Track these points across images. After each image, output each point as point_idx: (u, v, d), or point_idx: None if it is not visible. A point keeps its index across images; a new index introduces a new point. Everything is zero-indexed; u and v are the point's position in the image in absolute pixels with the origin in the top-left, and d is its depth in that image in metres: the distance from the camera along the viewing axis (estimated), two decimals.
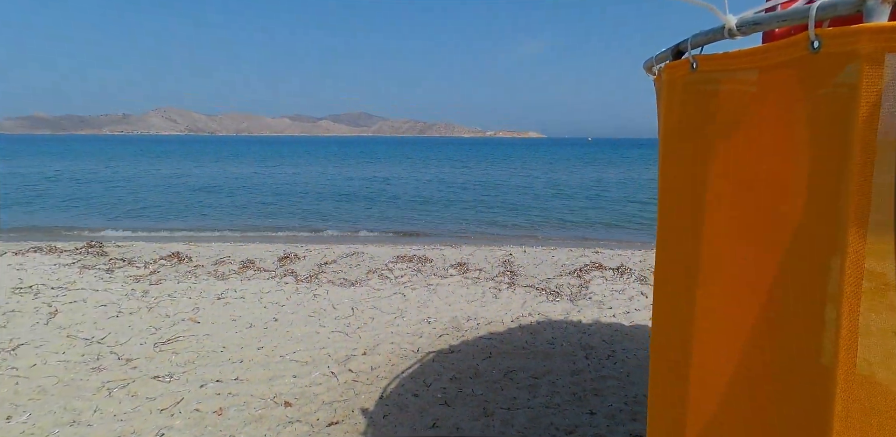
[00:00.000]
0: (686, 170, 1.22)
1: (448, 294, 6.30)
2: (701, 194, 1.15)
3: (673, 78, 1.31)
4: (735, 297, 1.08)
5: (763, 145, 1.00)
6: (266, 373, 4.22)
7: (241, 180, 26.61)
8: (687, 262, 1.21)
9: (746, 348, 1.08)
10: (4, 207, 16.19)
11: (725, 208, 1.10)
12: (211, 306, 5.72)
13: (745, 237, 1.05)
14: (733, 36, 1.03)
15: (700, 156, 1.15)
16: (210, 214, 15.14)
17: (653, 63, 1.57)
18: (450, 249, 8.96)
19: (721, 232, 1.11)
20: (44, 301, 5.69)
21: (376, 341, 4.89)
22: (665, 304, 1.36)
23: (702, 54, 1.19)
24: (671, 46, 1.36)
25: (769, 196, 0.99)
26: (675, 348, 1.27)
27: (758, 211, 1.01)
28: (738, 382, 1.09)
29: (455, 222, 14.03)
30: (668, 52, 1.38)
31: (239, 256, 7.99)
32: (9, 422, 3.42)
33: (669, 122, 1.33)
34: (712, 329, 1.14)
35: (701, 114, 1.17)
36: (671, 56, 1.35)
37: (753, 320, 1.03)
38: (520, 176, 30.93)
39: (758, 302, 1.02)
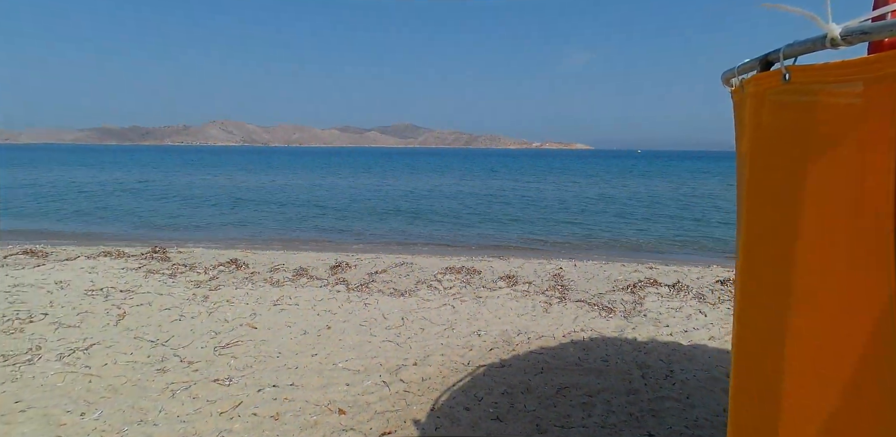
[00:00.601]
0: (778, 188, 1.16)
1: (497, 307, 6.24)
2: (796, 215, 1.09)
3: (760, 90, 1.27)
4: (838, 327, 1.02)
5: (868, 163, 0.95)
6: (320, 380, 4.29)
7: (292, 190, 27.39)
8: (779, 286, 1.15)
9: (846, 378, 1.01)
10: (85, 214, 17.25)
11: (825, 231, 1.04)
12: (267, 312, 5.88)
13: (848, 262, 0.99)
14: (836, 46, 0.99)
15: (795, 174, 1.10)
16: (264, 223, 15.64)
17: (733, 74, 1.52)
18: (498, 261, 8.90)
19: (820, 256, 1.05)
20: (113, 303, 6.00)
21: (427, 352, 4.89)
22: (751, 329, 1.30)
23: (795, 65, 1.15)
24: (758, 57, 1.32)
25: (875, 218, 0.93)
26: (765, 375, 1.21)
27: (863, 233, 0.96)
28: (840, 413, 1.02)
29: (502, 234, 13.95)
30: (755, 62, 1.33)
31: (292, 263, 8.20)
32: (82, 418, 3.60)
33: (757, 136, 1.28)
34: (811, 358, 1.08)
35: (795, 128, 1.12)
36: (759, 67, 1.30)
37: (859, 351, 0.97)
38: (566, 188, 30.52)
39: (864, 332, 0.96)
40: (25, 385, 4.05)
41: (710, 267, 8.89)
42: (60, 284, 6.67)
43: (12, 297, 6.10)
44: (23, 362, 4.42)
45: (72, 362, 4.48)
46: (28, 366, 4.37)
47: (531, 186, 31.70)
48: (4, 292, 6.26)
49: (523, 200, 23.23)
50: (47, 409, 3.71)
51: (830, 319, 1.05)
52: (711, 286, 7.18)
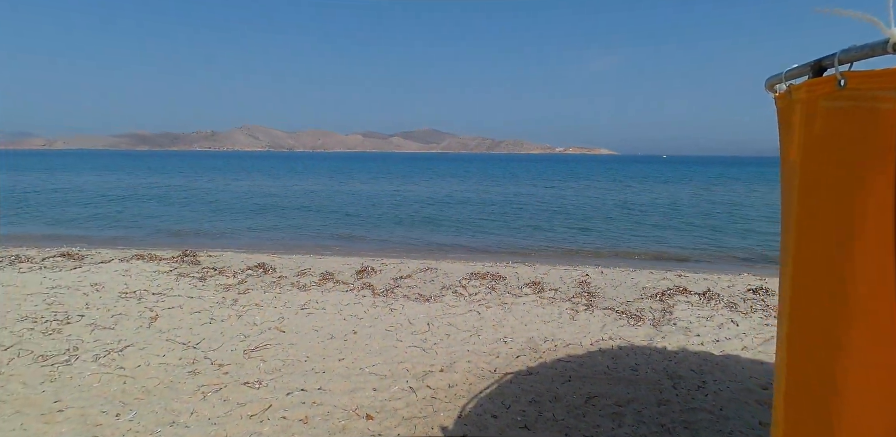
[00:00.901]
0: (834, 197, 1.13)
1: (523, 314, 6.20)
2: (854, 224, 1.06)
3: (812, 96, 1.24)
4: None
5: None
6: (347, 385, 4.31)
7: (317, 195, 27.71)
8: (835, 297, 1.12)
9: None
10: (117, 218, 17.72)
11: (885, 240, 1.01)
12: (295, 316, 5.94)
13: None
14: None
15: (852, 182, 1.07)
16: (290, 227, 15.84)
17: (780, 80, 1.49)
18: (523, 267, 8.84)
19: (880, 266, 1.02)
20: (146, 306, 6.13)
21: (453, 359, 4.88)
22: (803, 342, 1.26)
23: (852, 71, 1.12)
24: (809, 62, 1.29)
25: None
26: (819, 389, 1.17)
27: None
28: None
29: (526, 240, 13.87)
30: (806, 68, 1.30)
31: (318, 268, 8.27)
32: (118, 419, 3.68)
33: (810, 144, 1.25)
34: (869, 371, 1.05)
35: (852, 136, 1.09)
36: (810, 73, 1.27)
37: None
38: (589, 194, 30.22)
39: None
40: (63, 385, 4.16)
41: (740, 275, 8.70)
42: (96, 286, 6.85)
43: (50, 298, 6.28)
44: (61, 363, 4.54)
45: (107, 363, 4.58)
46: (66, 366, 4.49)
47: (554, 192, 31.49)
48: (43, 294, 6.45)
49: (546, 205, 23.08)
50: (84, 409, 3.80)
51: (890, 331, 1.02)
52: (743, 295, 7.01)
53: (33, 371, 4.37)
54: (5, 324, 5.40)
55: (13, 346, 4.85)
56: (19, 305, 6.03)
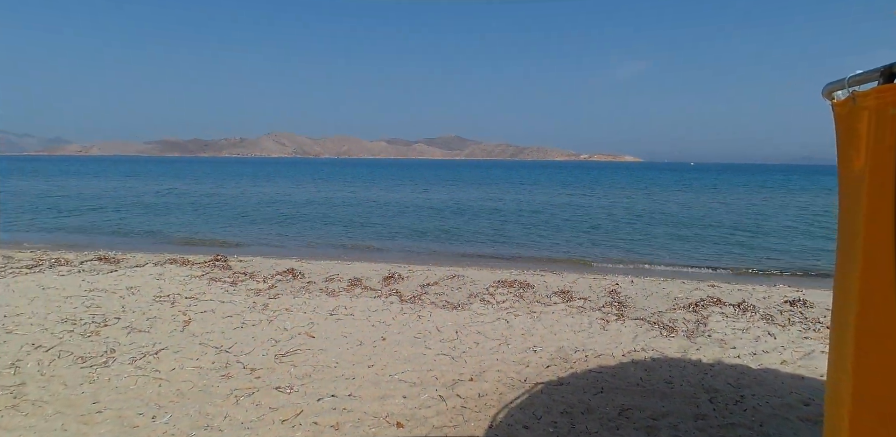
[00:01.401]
0: None
1: (553, 323, 6.12)
2: None
3: (883, 104, 1.19)
4: None
5: None
6: (377, 391, 4.30)
7: (343, 201, 27.97)
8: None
9: None
10: (150, 222, 18.17)
11: None
12: (324, 322, 5.98)
13: None
14: None
15: None
16: (317, 233, 16.00)
17: (842, 86, 1.44)
18: (551, 275, 8.76)
19: None
20: (179, 310, 6.24)
21: (482, 368, 4.84)
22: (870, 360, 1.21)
23: None
24: (878, 68, 1.24)
25: None
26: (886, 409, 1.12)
27: None
28: None
29: (552, 248, 13.75)
30: (874, 74, 1.26)
31: (346, 274, 8.32)
32: (153, 422, 3.74)
33: (878, 153, 1.20)
34: None
35: None
36: (881, 79, 1.23)
37: None
38: (614, 202, 29.84)
39: None
40: (101, 387, 4.24)
41: (775, 286, 8.47)
42: (131, 289, 7.01)
43: (89, 301, 6.45)
44: (99, 365, 4.65)
45: (143, 365, 4.67)
46: (104, 368, 4.59)
47: (576, 200, 31.18)
48: (81, 297, 6.63)
49: (569, 213, 22.87)
50: (121, 411, 3.87)
51: None
52: (779, 307, 6.81)
53: (73, 373, 4.48)
54: (47, 326, 5.55)
55: (54, 347, 4.99)
56: (59, 307, 6.20)
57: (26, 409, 3.84)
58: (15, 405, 3.90)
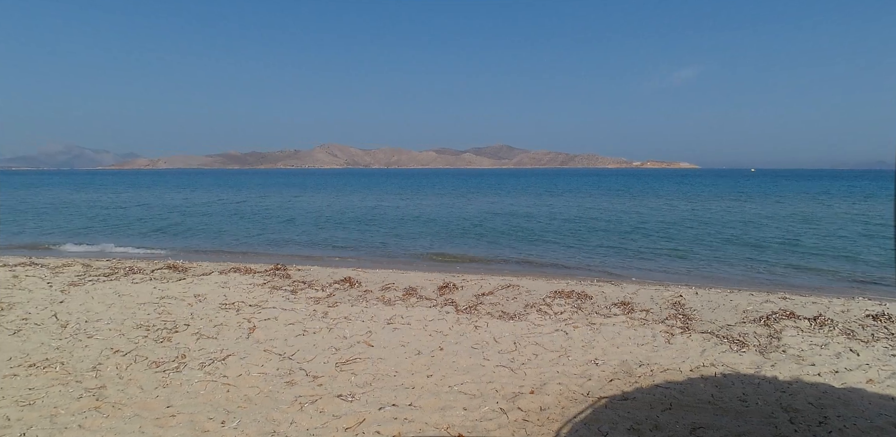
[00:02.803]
0: None
1: (614, 335, 5.94)
2: None
3: None
4: None
5: None
6: (437, 402, 4.28)
7: (395, 209, 28.30)
8: None
9: None
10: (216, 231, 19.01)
11: None
12: (382, 331, 6.03)
13: None
14: None
15: None
16: (371, 241, 16.26)
17: None
18: (609, 286, 8.53)
19: None
20: (244, 317, 6.45)
21: (543, 380, 4.74)
22: None
23: None
24: None
25: None
26: None
27: None
28: None
29: (606, 258, 13.40)
30: None
31: (402, 283, 8.39)
32: (223, 427, 3.85)
33: None
34: None
35: None
36: None
37: None
38: (667, 210, 28.82)
39: None
40: (174, 391, 4.42)
41: (854, 299, 7.92)
42: (199, 297, 7.32)
43: (160, 308, 6.77)
44: (171, 370, 4.85)
45: (212, 371, 4.84)
46: (175, 373, 4.78)
47: (627, 208, 30.31)
48: (154, 304, 6.97)
49: (620, 221, 22.25)
50: (193, 415, 4.01)
51: None
52: (861, 321, 6.35)
53: (148, 377, 4.70)
54: (123, 331, 5.86)
55: (130, 352, 5.25)
56: (134, 313, 6.54)
57: (107, 411, 4.05)
58: (97, 406, 4.12)
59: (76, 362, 4.97)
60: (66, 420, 3.88)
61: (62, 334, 5.75)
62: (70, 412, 4.00)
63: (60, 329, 5.90)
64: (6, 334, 5.68)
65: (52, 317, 6.33)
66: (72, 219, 23.59)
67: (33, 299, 7.13)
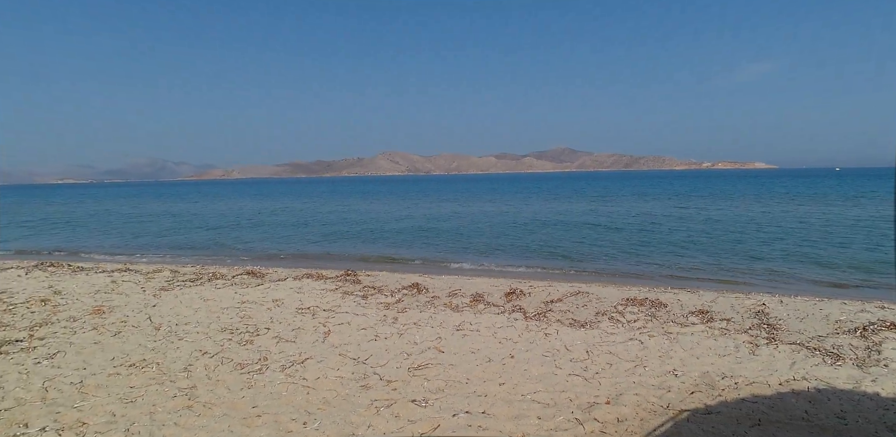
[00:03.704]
0: None
1: (692, 345, 5.69)
2: None
3: None
4: None
5: None
6: (510, 410, 4.26)
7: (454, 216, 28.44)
8: None
9: None
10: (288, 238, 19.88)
11: None
12: (451, 337, 6.07)
13: None
14: None
15: None
16: (435, 247, 16.43)
17: None
18: (685, 293, 8.18)
19: None
20: (319, 321, 6.69)
21: (618, 390, 4.61)
22: None
23: None
24: None
25: None
26: None
27: None
28: None
29: (677, 263, 12.85)
30: None
31: (468, 289, 8.42)
32: (305, 427, 4.01)
33: None
34: None
35: None
36: None
37: None
38: (737, 213, 27.25)
39: None
40: (258, 392, 4.65)
41: None
42: (277, 302, 7.66)
43: (242, 312, 7.14)
44: (255, 371, 5.10)
45: (292, 373, 5.05)
46: (258, 375, 5.02)
47: (693, 212, 28.92)
48: (235, 308, 7.36)
49: (688, 225, 21.26)
50: (277, 416, 4.20)
51: None
52: None
53: (234, 378, 4.96)
54: (210, 334, 6.23)
55: (217, 354, 5.56)
56: (218, 317, 6.93)
57: (199, 410, 4.30)
58: (190, 406, 4.39)
59: (169, 363, 5.33)
60: (163, 418, 4.17)
61: (156, 336, 6.18)
62: (167, 410, 4.29)
63: (154, 332, 6.34)
64: (108, 336, 6.18)
65: (146, 320, 6.83)
66: (159, 226, 25.32)
67: (130, 303, 7.72)
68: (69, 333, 6.31)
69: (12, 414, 4.21)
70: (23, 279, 9.78)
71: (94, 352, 5.64)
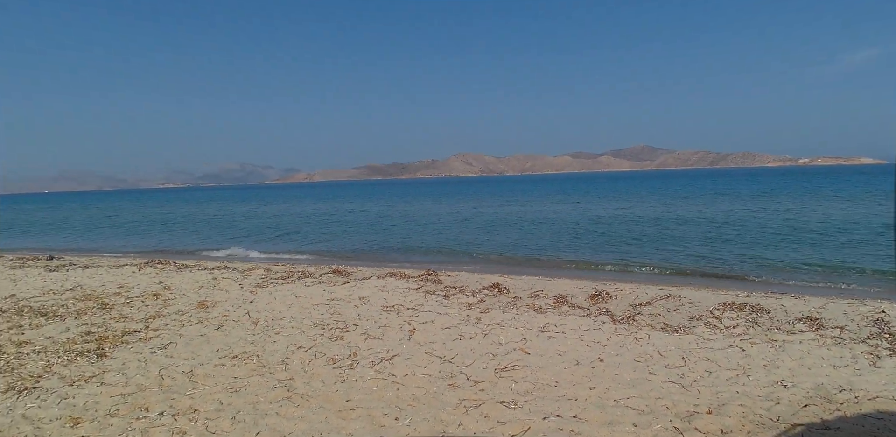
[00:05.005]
0: None
1: (802, 355, 5.25)
2: None
3: None
4: None
5: None
6: (603, 416, 4.12)
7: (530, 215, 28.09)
8: None
9: None
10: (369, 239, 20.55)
11: None
12: (536, 339, 5.98)
13: None
14: None
15: None
16: (516, 247, 16.31)
17: None
18: (789, 298, 7.58)
19: None
20: (404, 319, 6.82)
21: (720, 400, 4.34)
22: None
23: None
24: None
25: None
26: None
27: None
28: None
29: (776, 266, 11.93)
30: None
31: (550, 290, 8.27)
32: (397, 423, 4.09)
33: None
34: None
35: None
36: None
37: None
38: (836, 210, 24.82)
39: None
40: (350, 387, 4.80)
41: None
42: (363, 299, 7.90)
43: (331, 309, 7.42)
44: (346, 366, 5.28)
45: (381, 369, 5.17)
46: (350, 370, 5.19)
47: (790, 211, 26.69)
48: (325, 305, 7.67)
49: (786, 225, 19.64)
50: (369, 410, 4.31)
51: None
52: None
53: (328, 372, 5.16)
54: (303, 329, 6.52)
55: (311, 349, 5.82)
56: (310, 313, 7.25)
57: (297, 401, 4.51)
58: (289, 397, 4.61)
59: (268, 356, 5.63)
60: (265, 408, 4.40)
61: (255, 330, 6.56)
62: (268, 401, 4.53)
63: (253, 326, 6.74)
64: (212, 329, 6.64)
65: (245, 315, 7.27)
66: (249, 226, 26.95)
67: (230, 299, 8.25)
68: (178, 325, 6.83)
69: (135, 399, 4.61)
70: (136, 275, 10.73)
71: (201, 344, 6.07)
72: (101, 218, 40.63)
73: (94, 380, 5.03)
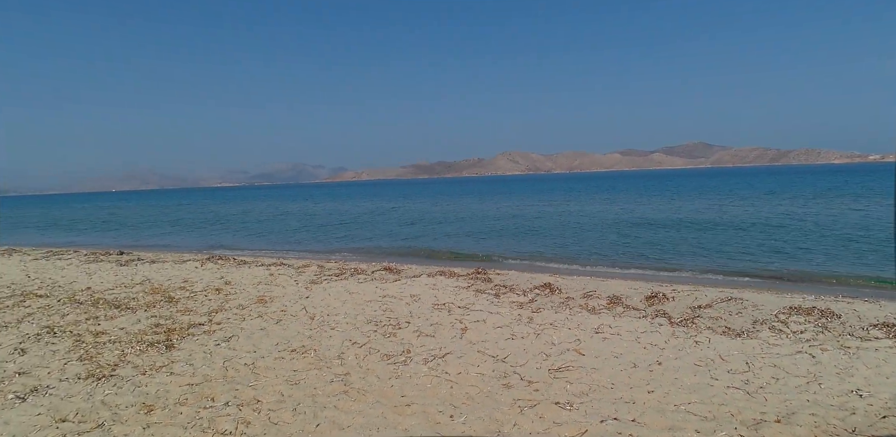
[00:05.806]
0: None
1: (879, 363, 4.95)
2: None
3: None
4: None
5: None
6: (664, 421, 4.01)
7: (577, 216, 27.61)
8: None
9: None
10: (412, 236, 20.77)
11: None
12: (590, 340, 5.89)
13: None
14: None
15: None
16: (567, 246, 16.09)
17: None
18: (862, 303, 7.15)
19: None
20: (455, 318, 6.85)
21: (789, 409, 4.14)
22: None
23: None
24: None
25: None
26: None
27: None
28: None
29: (846, 267, 11.25)
30: None
31: (604, 291, 8.11)
32: (452, 420, 4.11)
33: None
34: None
35: None
36: None
37: None
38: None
39: None
40: (405, 383, 4.87)
41: None
42: (414, 297, 7.99)
43: (384, 306, 7.55)
44: (400, 363, 5.35)
45: (434, 367, 5.22)
46: (403, 366, 5.26)
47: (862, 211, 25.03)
48: (378, 302, 7.80)
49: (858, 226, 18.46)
50: (424, 406, 4.36)
51: None
52: None
53: (382, 368, 5.24)
54: (357, 325, 6.66)
55: (365, 344, 5.93)
56: (363, 310, 7.39)
57: (354, 396, 4.61)
58: (346, 391, 4.72)
59: (325, 350, 5.78)
60: (323, 401, 4.52)
61: (311, 325, 6.75)
62: (326, 394, 4.65)
63: (309, 321, 6.93)
64: (272, 323, 6.87)
65: (302, 310, 7.49)
66: (300, 224, 27.72)
67: (286, 294, 8.52)
68: (239, 319, 7.11)
69: (202, 388, 4.84)
70: (199, 271, 11.24)
71: (261, 337, 6.29)
72: (163, 216, 42.79)
73: (164, 370, 5.31)
